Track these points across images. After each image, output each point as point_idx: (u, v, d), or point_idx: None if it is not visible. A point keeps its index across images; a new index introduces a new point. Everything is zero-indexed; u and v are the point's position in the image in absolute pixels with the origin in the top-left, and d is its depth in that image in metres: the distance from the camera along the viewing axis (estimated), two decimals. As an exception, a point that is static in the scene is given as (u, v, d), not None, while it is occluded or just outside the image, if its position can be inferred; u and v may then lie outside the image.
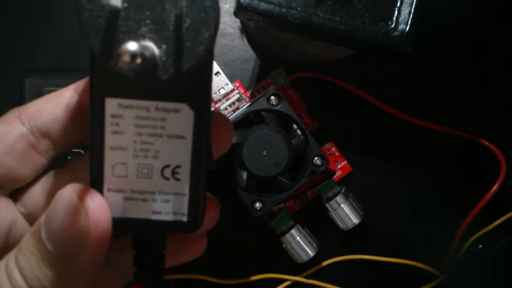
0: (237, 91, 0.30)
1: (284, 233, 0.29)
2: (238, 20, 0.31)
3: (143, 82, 0.14)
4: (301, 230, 0.29)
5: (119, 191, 0.16)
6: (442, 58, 0.32)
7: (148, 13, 0.14)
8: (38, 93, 0.28)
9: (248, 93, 0.31)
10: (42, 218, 0.15)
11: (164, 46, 0.14)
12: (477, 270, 0.31)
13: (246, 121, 0.28)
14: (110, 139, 0.16)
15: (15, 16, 0.31)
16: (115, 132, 0.15)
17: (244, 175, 0.28)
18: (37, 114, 0.18)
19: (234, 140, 0.28)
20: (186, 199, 0.16)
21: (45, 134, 0.18)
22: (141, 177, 0.16)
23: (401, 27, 0.23)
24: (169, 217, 0.16)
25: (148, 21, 0.14)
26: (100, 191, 0.16)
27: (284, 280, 0.30)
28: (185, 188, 0.16)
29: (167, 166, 0.16)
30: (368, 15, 0.23)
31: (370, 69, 0.31)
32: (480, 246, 0.30)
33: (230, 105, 0.30)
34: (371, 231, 0.32)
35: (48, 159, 0.19)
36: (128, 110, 0.15)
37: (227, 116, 0.29)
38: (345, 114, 0.32)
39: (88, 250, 0.15)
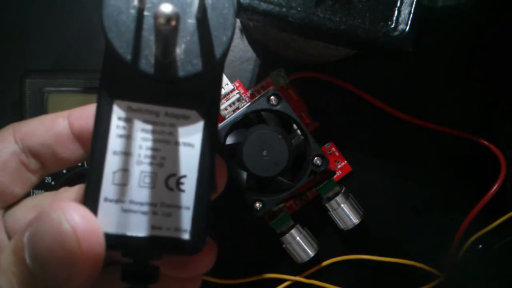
0: (237, 91, 0.30)
1: (284, 233, 0.29)
2: (238, 20, 0.31)
3: (161, 79, 0.14)
4: (301, 230, 0.29)
5: (117, 201, 0.15)
6: (442, 58, 0.32)
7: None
8: (38, 93, 0.28)
9: (248, 93, 0.31)
10: (25, 235, 0.14)
11: (183, 46, 0.14)
12: (477, 270, 0.31)
13: (246, 121, 0.28)
14: (114, 143, 0.15)
15: (15, 16, 0.31)
16: (120, 136, 0.15)
17: (244, 175, 0.28)
18: (29, 134, 0.18)
19: (234, 140, 0.28)
20: (190, 213, 0.15)
21: (35, 155, 0.18)
22: (143, 186, 0.15)
23: (401, 27, 0.23)
24: (169, 233, 0.15)
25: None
26: (96, 200, 0.15)
27: (284, 280, 0.30)
28: (190, 200, 0.15)
29: (173, 175, 0.15)
30: (368, 15, 0.23)
31: (370, 69, 0.31)
32: (480, 246, 0.30)
33: (230, 105, 0.30)
34: (371, 231, 0.32)
35: (38, 177, 0.19)
36: (137, 113, 0.15)
37: (227, 116, 0.29)
38: (345, 114, 0.32)
39: (80, 279, 0.14)
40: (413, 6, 0.23)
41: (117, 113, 0.15)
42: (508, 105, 0.32)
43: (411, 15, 0.23)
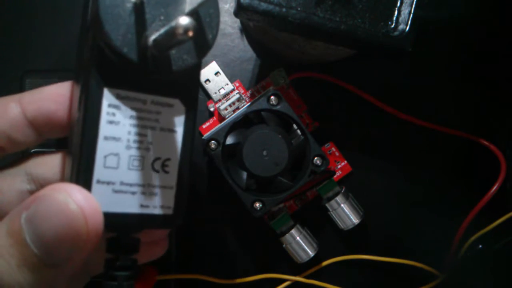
0: (237, 91, 0.30)
1: (284, 233, 0.29)
2: (238, 20, 0.31)
3: (158, 73, 0.15)
4: (301, 230, 0.29)
5: (108, 183, 0.16)
6: (442, 58, 0.32)
7: (163, 10, 0.15)
8: (38, 93, 0.28)
9: (248, 93, 0.31)
10: (22, 217, 0.14)
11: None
12: (477, 270, 0.31)
13: (246, 121, 0.28)
14: (105, 129, 0.16)
15: (15, 16, 0.31)
16: (111, 122, 0.16)
17: (244, 175, 0.28)
18: None
19: (234, 140, 0.28)
20: (173, 192, 0.17)
21: None
22: (132, 169, 0.16)
23: (401, 27, 0.23)
24: (156, 211, 0.16)
25: (162, 18, 0.15)
26: (90, 182, 0.16)
27: (284, 280, 0.30)
28: (173, 181, 0.17)
29: (158, 158, 0.16)
30: (368, 15, 0.23)
31: (370, 69, 0.31)
32: (480, 246, 0.30)
33: (230, 105, 0.30)
34: (371, 231, 0.32)
35: None
36: (126, 101, 0.16)
37: (227, 116, 0.29)
38: (345, 114, 0.32)
39: (80, 256, 0.14)
40: (413, 6, 0.23)
41: (108, 100, 0.15)
42: (508, 105, 0.32)
43: (411, 15, 0.23)
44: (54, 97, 0.18)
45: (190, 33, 0.13)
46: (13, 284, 0.14)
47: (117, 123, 0.16)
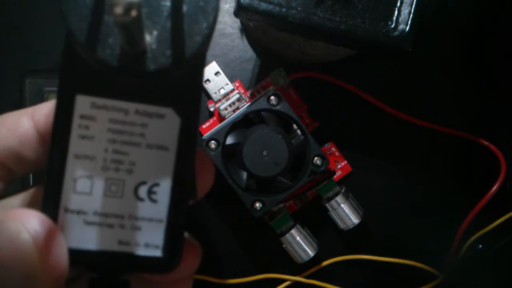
0: (237, 91, 0.30)
1: (284, 233, 0.29)
2: (238, 20, 0.31)
3: (127, 75, 0.12)
4: (301, 230, 0.29)
5: (78, 212, 0.13)
6: (442, 58, 0.32)
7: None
8: (38, 93, 0.28)
9: (248, 93, 0.31)
10: None
11: (155, 33, 0.12)
12: (477, 270, 0.31)
13: (246, 121, 0.28)
14: (76, 145, 0.13)
15: (15, 16, 0.31)
16: (83, 137, 0.13)
17: (244, 175, 0.28)
18: None
19: (234, 140, 0.28)
20: (163, 227, 0.13)
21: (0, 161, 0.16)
22: (109, 196, 0.13)
23: (401, 27, 0.23)
24: (139, 251, 0.13)
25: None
26: (56, 210, 0.13)
27: (284, 280, 0.30)
28: (163, 212, 0.13)
29: (143, 183, 0.13)
30: (368, 15, 0.23)
31: (370, 69, 0.31)
32: (480, 246, 0.30)
33: (230, 105, 0.30)
34: (371, 231, 0.32)
35: (3, 184, 0.16)
36: (102, 111, 0.13)
37: (227, 116, 0.29)
38: (345, 114, 0.32)
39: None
40: (413, 6, 0.23)
41: (79, 110, 0.13)
42: (508, 105, 0.32)
43: (411, 15, 0.23)
44: None
45: (133, 13, 0.10)
46: None
47: (91, 138, 0.13)
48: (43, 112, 0.16)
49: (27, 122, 0.16)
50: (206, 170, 0.16)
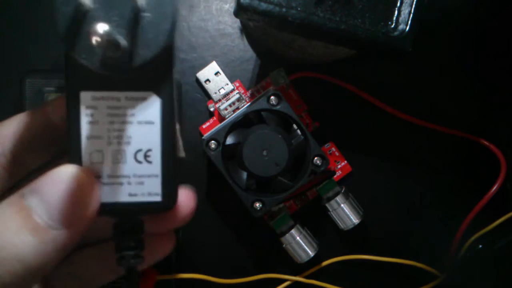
0: (237, 91, 0.30)
1: (284, 233, 0.29)
2: (238, 20, 0.31)
3: (111, 72, 0.16)
4: (301, 230, 0.29)
5: (96, 177, 0.17)
6: (442, 58, 0.32)
7: (115, 11, 0.15)
8: (38, 93, 0.28)
9: (248, 93, 0.31)
10: (23, 191, 0.15)
11: (130, 39, 0.15)
12: (477, 270, 0.31)
13: (246, 121, 0.28)
14: (86, 129, 0.17)
15: (15, 16, 0.31)
16: (90, 123, 0.17)
17: (244, 175, 0.28)
18: (8, 137, 0.19)
19: (234, 140, 0.28)
20: (159, 180, 0.17)
21: (15, 156, 0.19)
22: (116, 163, 0.17)
23: (401, 27, 0.23)
24: (144, 198, 0.17)
25: (115, 18, 0.15)
26: None
27: (284, 280, 0.30)
28: (157, 169, 0.17)
29: (139, 150, 0.17)
30: (368, 15, 0.23)
31: (370, 69, 0.31)
32: (480, 246, 0.30)
33: (230, 105, 0.30)
34: (371, 231, 0.32)
35: (14, 178, 0.19)
36: (101, 101, 0.17)
37: (227, 116, 0.29)
38: (345, 114, 0.32)
39: (82, 223, 0.16)
40: (413, 6, 0.23)
41: (84, 102, 0.17)
42: (508, 105, 0.32)
43: (411, 15, 0.23)
44: None
45: (106, 38, 0.14)
46: (9, 246, 0.14)
47: (96, 122, 0.17)
48: (53, 107, 0.19)
49: (41, 117, 0.19)
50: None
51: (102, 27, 0.14)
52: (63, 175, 0.16)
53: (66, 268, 0.22)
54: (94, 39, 0.14)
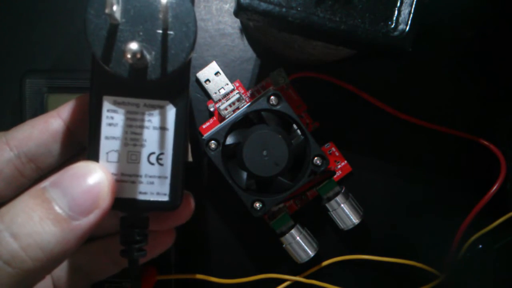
0: (237, 91, 0.30)
1: (284, 233, 0.29)
2: (238, 20, 0.31)
3: (136, 82, 0.17)
4: (301, 230, 0.29)
5: (111, 174, 0.19)
6: (442, 58, 0.32)
7: (141, 26, 0.17)
8: (38, 93, 0.28)
9: (248, 93, 0.31)
10: (45, 183, 0.16)
11: (153, 53, 0.17)
12: (477, 270, 0.31)
13: (246, 121, 0.28)
14: (105, 130, 0.18)
15: (15, 16, 0.31)
16: (110, 124, 0.18)
17: (244, 175, 0.28)
18: (25, 140, 0.20)
19: (234, 140, 0.28)
20: (168, 181, 0.19)
21: (31, 159, 0.20)
22: (130, 162, 0.19)
23: (401, 27, 0.23)
24: (153, 197, 0.19)
25: (141, 33, 0.17)
26: None
27: (284, 280, 0.30)
28: (167, 172, 0.19)
29: (153, 153, 0.19)
30: (368, 15, 0.23)
31: (370, 69, 0.31)
32: (480, 246, 0.30)
33: (230, 105, 0.30)
34: (371, 231, 0.32)
35: (31, 181, 0.20)
36: (122, 106, 0.18)
37: (227, 116, 0.29)
38: (345, 114, 0.32)
39: (100, 214, 0.17)
40: (413, 6, 0.23)
41: (106, 106, 0.18)
42: (508, 105, 0.32)
43: (411, 15, 0.23)
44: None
45: (138, 55, 0.16)
46: (33, 234, 0.15)
47: (115, 125, 0.18)
48: (67, 110, 0.20)
49: (56, 121, 0.20)
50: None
51: (134, 46, 0.16)
52: (83, 170, 0.17)
53: (72, 261, 0.23)
54: (127, 55, 0.16)
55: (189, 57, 0.18)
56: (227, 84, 0.30)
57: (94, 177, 0.17)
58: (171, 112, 0.19)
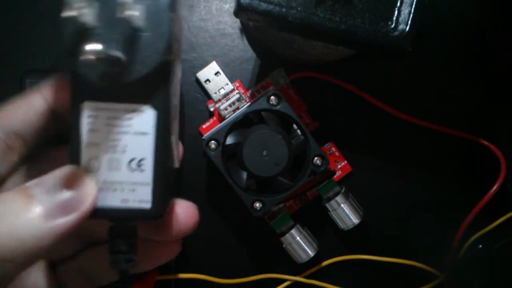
0: (237, 91, 0.30)
1: (284, 233, 0.29)
2: (238, 20, 0.31)
3: (110, 86, 0.17)
4: (301, 230, 0.29)
5: (94, 180, 0.18)
6: (442, 58, 0.32)
7: (115, 29, 0.16)
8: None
9: (248, 93, 0.31)
10: (31, 182, 0.17)
11: (128, 55, 0.17)
12: (477, 270, 0.31)
13: (246, 121, 0.28)
14: (86, 137, 0.18)
15: (15, 16, 0.31)
16: (90, 131, 0.18)
17: (244, 175, 0.28)
18: (10, 118, 0.20)
19: (234, 140, 0.28)
20: (150, 188, 0.18)
21: (19, 135, 0.20)
22: (111, 169, 0.18)
23: (401, 27, 0.23)
24: (135, 204, 0.18)
25: (115, 36, 0.17)
26: None
27: (284, 280, 0.30)
28: (149, 178, 0.18)
29: (133, 159, 0.18)
30: (368, 15, 0.23)
31: (370, 69, 0.31)
32: (480, 246, 0.30)
33: (230, 105, 0.30)
34: (371, 231, 0.32)
35: (21, 157, 0.21)
36: (102, 111, 0.18)
37: (227, 116, 0.29)
38: (345, 114, 0.32)
39: (78, 216, 0.17)
40: (413, 6, 0.23)
41: (86, 112, 0.18)
42: (508, 105, 0.32)
43: (411, 15, 0.23)
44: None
45: (103, 56, 0.16)
46: (10, 225, 0.16)
47: (96, 131, 0.18)
48: (48, 88, 0.20)
49: (38, 100, 0.20)
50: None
51: (94, 47, 0.16)
52: (65, 173, 0.17)
53: (76, 264, 0.23)
54: (89, 56, 0.16)
55: (166, 59, 0.17)
56: (227, 84, 0.30)
57: (77, 181, 0.17)
58: (151, 116, 0.18)
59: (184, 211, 0.21)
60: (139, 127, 0.18)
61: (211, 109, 0.30)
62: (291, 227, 0.29)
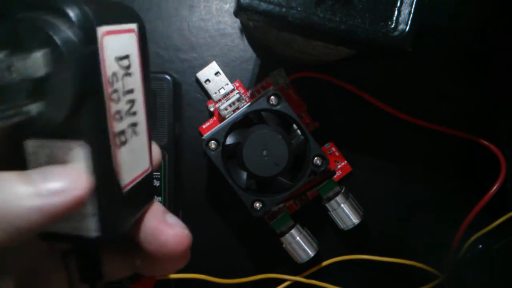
0: (237, 91, 0.30)
1: (284, 233, 0.29)
2: (238, 20, 0.31)
3: (37, 131, 0.17)
4: (301, 230, 0.29)
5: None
6: (442, 58, 0.32)
7: (25, 80, 0.16)
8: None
9: (248, 93, 0.31)
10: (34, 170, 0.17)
11: (43, 101, 0.16)
12: (477, 270, 0.31)
13: (246, 121, 0.28)
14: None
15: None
16: (33, 168, 0.18)
17: (244, 175, 0.28)
18: None
19: (234, 140, 0.28)
20: (95, 217, 0.18)
21: None
22: None
23: (401, 27, 0.23)
24: (82, 232, 0.18)
25: (16, 98, 0.16)
26: None
27: (284, 280, 0.30)
28: (94, 209, 0.18)
29: None
30: (368, 15, 0.23)
31: (370, 69, 0.31)
32: (480, 246, 0.30)
33: (230, 105, 0.30)
34: (371, 231, 0.32)
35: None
36: (40, 148, 0.18)
37: (227, 116, 0.29)
38: (345, 114, 0.32)
39: (70, 198, 0.17)
40: (413, 6, 0.23)
41: (28, 150, 0.18)
42: (508, 105, 0.32)
43: (411, 15, 0.23)
44: None
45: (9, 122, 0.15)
46: (1, 195, 0.16)
47: (37, 167, 0.18)
48: None
49: None
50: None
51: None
52: (66, 164, 0.18)
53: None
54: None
55: (81, 97, 0.17)
56: (227, 84, 0.30)
57: (72, 174, 0.18)
58: (82, 152, 0.18)
59: (174, 238, 0.20)
60: (75, 161, 0.18)
61: (211, 109, 0.30)
62: (291, 227, 0.29)
